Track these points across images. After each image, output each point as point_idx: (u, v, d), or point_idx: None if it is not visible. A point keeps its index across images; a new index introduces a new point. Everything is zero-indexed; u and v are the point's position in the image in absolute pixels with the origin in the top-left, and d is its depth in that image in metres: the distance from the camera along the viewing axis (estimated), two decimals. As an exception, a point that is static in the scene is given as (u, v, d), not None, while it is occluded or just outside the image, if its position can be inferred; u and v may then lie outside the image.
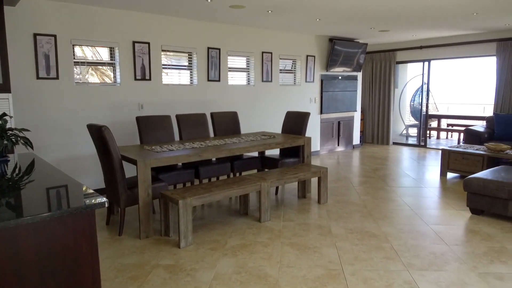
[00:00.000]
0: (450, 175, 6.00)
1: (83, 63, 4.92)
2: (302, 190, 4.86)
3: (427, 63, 8.50)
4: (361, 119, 9.22)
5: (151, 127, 4.55)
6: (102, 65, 5.18)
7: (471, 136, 6.76)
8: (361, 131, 9.17)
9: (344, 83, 8.29)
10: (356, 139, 8.89)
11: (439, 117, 10.55)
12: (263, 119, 6.85)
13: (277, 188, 5.13)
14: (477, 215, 4.13)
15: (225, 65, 6.20)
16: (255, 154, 5.64)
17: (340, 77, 8.21)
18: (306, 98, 7.60)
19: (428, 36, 7.81)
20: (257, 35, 6.59)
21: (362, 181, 5.64)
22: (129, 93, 5.16)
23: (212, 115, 5.25)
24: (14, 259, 1.51)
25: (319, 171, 4.50)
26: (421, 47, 8.38)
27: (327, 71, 7.88)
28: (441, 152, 6.00)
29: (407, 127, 10.44)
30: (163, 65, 5.50)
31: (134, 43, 5.11)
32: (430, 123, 10.14)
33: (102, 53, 5.10)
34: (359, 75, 8.75)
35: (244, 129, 6.45)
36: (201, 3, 4.66)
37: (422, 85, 8.88)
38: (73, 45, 4.68)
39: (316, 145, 7.91)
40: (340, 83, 8.20)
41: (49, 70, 4.48)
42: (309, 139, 4.98)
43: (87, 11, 4.71)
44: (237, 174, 5.16)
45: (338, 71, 8.09)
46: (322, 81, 7.83)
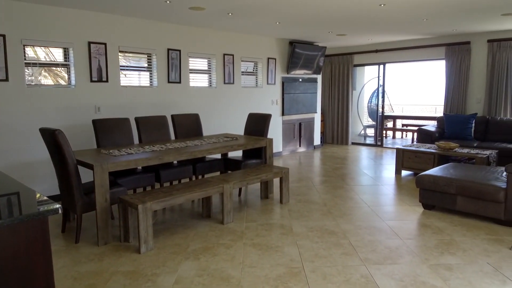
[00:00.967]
0: (404, 173, 6.29)
1: (35, 64, 4.70)
2: (264, 190, 4.92)
3: (382, 66, 8.87)
4: (322, 120, 9.46)
5: (108, 130, 4.43)
6: (56, 66, 4.97)
7: (423, 135, 7.13)
8: (321, 132, 9.40)
9: (304, 85, 8.47)
10: (317, 139, 9.10)
11: (394, 118, 11.03)
12: (225, 121, 6.86)
13: (240, 189, 5.16)
14: (428, 210, 4.37)
15: (186, 66, 6.15)
16: (218, 156, 5.63)
17: (300, 80, 8.38)
18: (268, 100, 7.69)
19: (383, 40, 8.16)
20: (219, 37, 6.59)
21: (322, 181, 5.79)
22: (84, 95, 4.99)
23: (173, 117, 5.19)
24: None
25: (281, 172, 4.57)
26: (377, 51, 8.73)
27: (288, 74, 8.02)
28: (396, 151, 6.29)
29: (365, 127, 10.84)
30: (121, 66, 5.37)
31: (89, 43, 4.95)
32: (386, 124, 10.58)
33: (56, 54, 4.89)
34: (319, 78, 8.97)
35: (206, 131, 6.42)
36: (160, 4, 4.60)
37: (378, 87, 9.26)
38: (24, 46, 4.46)
39: (278, 146, 8.02)
40: (300, 85, 8.38)
41: (-3, 71, 4.24)
42: (271, 140, 5.05)
43: (39, 10, 4.51)
44: (200, 176, 5.14)
45: (299, 73, 8.26)
46: (283, 83, 7.96)
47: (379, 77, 9.02)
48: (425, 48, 8.01)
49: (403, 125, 11.20)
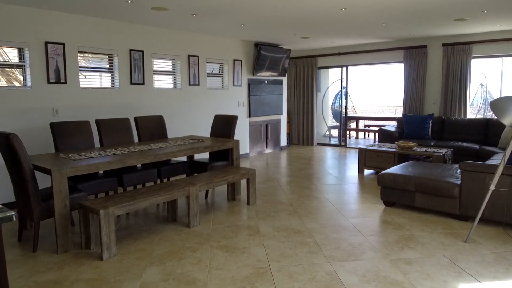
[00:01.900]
0: (367, 172, 6.49)
1: (-14, 65, 4.44)
2: (232, 192, 4.91)
3: (345, 69, 9.12)
4: (287, 122, 9.58)
5: (67, 134, 4.26)
6: (9, 67, 4.72)
7: (384, 135, 7.39)
8: (287, 133, 9.52)
9: (270, 87, 8.55)
10: (283, 140, 9.20)
11: (357, 119, 11.37)
12: (191, 123, 6.79)
13: (206, 192, 5.12)
14: (389, 207, 4.53)
15: (150, 68, 6.03)
16: (184, 158, 5.56)
17: (266, 81, 8.45)
18: (234, 101, 7.69)
19: (345, 43, 8.39)
20: (183, 38, 6.52)
21: (289, 181, 5.86)
22: (41, 97, 4.77)
23: (136, 119, 5.07)
24: None
25: (247, 173, 4.58)
26: (339, 54, 8.96)
27: (254, 75, 8.06)
28: (358, 151, 6.47)
29: (329, 128, 11.10)
30: (81, 67, 5.18)
31: (46, 43, 4.74)
32: (349, 124, 10.88)
33: (10, 54, 4.65)
34: (284, 80, 9.08)
35: (171, 133, 6.33)
36: (121, 3, 4.49)
37: (341, 89, 9.50)
38: (-27, 44, 4.21)
39: (245, 148, 8.04)
40: (266, 87, 8.44)
41: None
42: (238, 142, 5.05)
43: (-11, 7, 4.27)
44: (165, 180, 5.05)
45: (264, 75, 8.32)
46: (249, 85, 7.99)
47: (342, 79, 9.26)
48: (385, 51, 8.31)
49: (365, 126, 11.56)
